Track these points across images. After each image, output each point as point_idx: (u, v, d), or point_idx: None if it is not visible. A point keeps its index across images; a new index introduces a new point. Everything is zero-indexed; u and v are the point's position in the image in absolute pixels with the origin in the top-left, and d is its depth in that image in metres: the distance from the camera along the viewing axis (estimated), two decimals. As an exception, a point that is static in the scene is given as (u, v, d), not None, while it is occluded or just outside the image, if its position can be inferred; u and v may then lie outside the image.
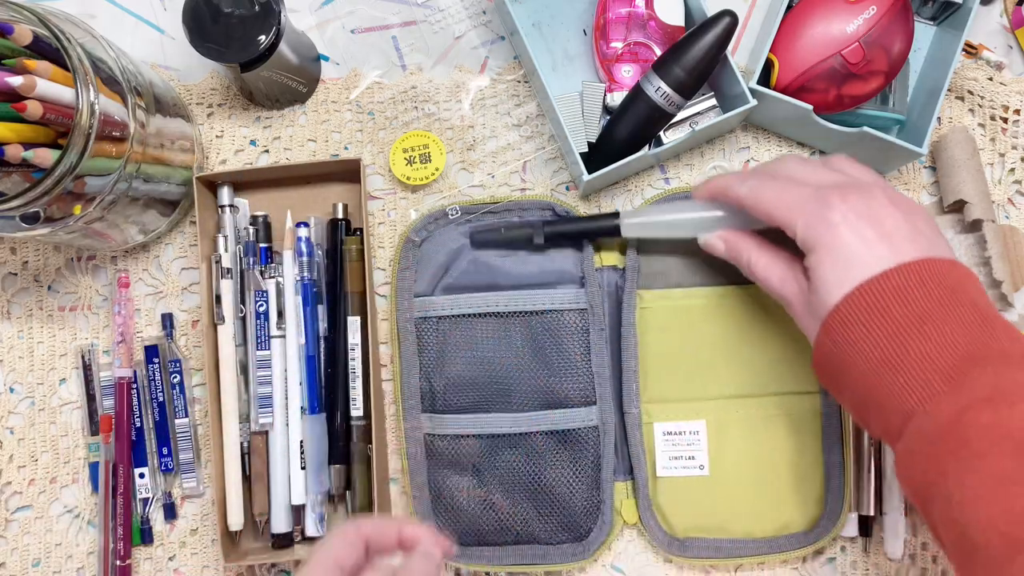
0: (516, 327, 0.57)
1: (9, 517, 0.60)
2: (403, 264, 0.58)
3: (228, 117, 0.62)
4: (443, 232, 0.58)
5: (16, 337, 0.61)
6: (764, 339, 0.57)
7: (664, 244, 0.58)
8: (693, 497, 0.57)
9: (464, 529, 0.57)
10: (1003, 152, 0.61)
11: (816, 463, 0.57)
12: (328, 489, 0.57)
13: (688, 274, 0.58)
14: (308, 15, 0.62)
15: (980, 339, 0.41)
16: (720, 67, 0.56)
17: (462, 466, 0.57)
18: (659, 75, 0.54)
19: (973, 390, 0.40)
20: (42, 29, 0.47)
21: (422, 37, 0.62)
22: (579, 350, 0.57)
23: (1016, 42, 0.62)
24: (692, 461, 0.57)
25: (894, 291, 0.42)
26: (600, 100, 0.59)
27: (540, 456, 0.57)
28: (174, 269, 0.61)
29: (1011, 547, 0.36)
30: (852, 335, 0.43)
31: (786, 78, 0.56)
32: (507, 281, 0.57)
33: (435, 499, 0.58)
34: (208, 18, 0.52)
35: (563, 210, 0.58)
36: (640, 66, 0.59)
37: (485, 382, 0.57)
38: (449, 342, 0.58)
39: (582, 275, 0.58)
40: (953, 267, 0.44)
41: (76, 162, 0.46)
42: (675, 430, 0.57)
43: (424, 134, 0.60)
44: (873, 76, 0.56)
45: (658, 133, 0.58)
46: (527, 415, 0.57)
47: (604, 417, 0.57)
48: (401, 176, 0.60)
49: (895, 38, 0.55)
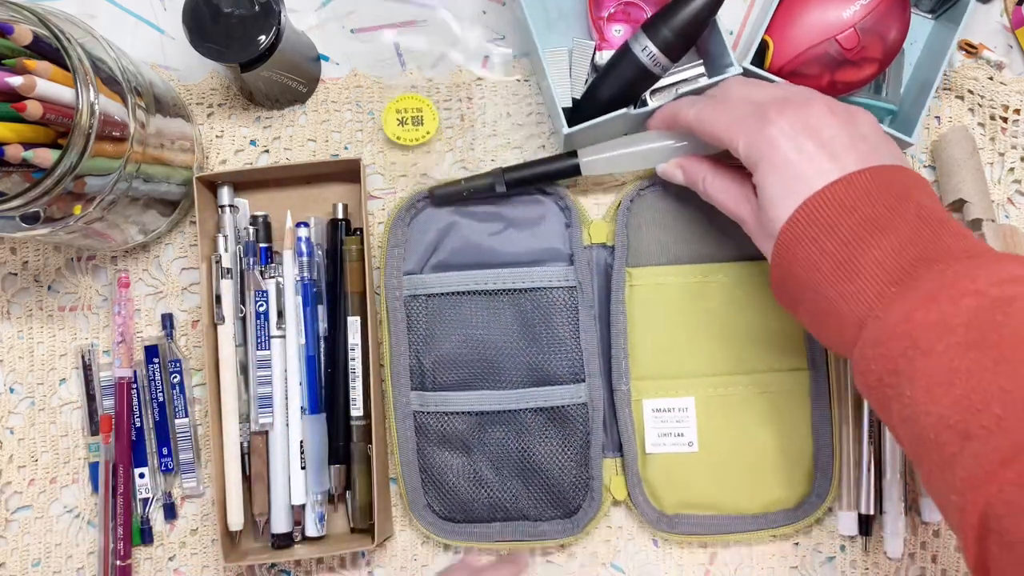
0: (505, 305, 0.58)
1: (9, 517, 0.60)
2: (392, 242, 0.58)
3: (228, 117, 0.62)
4: (433, 209, 0.58)
5: (16, 337, 0.61)
6: (753, 316, 0.57)
7: (653, 222, 0.58)
8: (682, 474, 0.57)
9: (453, 506, 0.58)
10: (1003, 151, 0.61)
11: (805, 440, 0.57)
12: (328, 489, 0.57)
13: (677, 252, 0.58)
14: (308, 15, 0.62)
15: (928, 241, 0.41)
16: (709, 33, 0.56)
17: (452, 443, 0.58)
18: (647, 35, 0.54)
19: (918, 290, 0.40)
20: (42, 29, 0.47)
21: (422, 37, 0.62)
22: (568, 327, 0.57)
23: (1016, 42, 0.62)
24: (681, 438, 0.57)
25: (840, 204, 0.42)
26: (589, 58, 0.59)
27: (529, 433, 0.57)
28: (174, 269, 0.61)
29: (960, 437, 0.36)
30: (803, 251, 0.43)
31: (780, 60, 0.56)
32: (496, 259, 0.58)
33: (424, 476, 0.58)
34: (208, 18, 0.52)
35: (551, 188, 0.58)
36: (631, 27, 0.60)
37: (474, 360, 0.57)
38: (438, 320, 0.58)
39: (571, 252, 0.58)
40: (898, 172, 0.44)
41: (76, 162, 0.46)
42: (664, 407, 0.57)
43: (417, 97, 0.60)
44: (867, 63, 0.56)
45: (643, 95, 0.58)
46: (516, 392, 0.57)
47: (593, 394, 0.57)
48: (392, 135, 0.60)
49: (891, 26, 0.55)
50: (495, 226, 0.58)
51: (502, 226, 0.58)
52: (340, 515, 0.59)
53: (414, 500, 0.58)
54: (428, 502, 0.58)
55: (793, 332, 0.58)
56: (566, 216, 0.58)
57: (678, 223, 0.58)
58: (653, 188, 0.58)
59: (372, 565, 0.60)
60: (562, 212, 0.58)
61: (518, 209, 0.58)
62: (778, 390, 0.57)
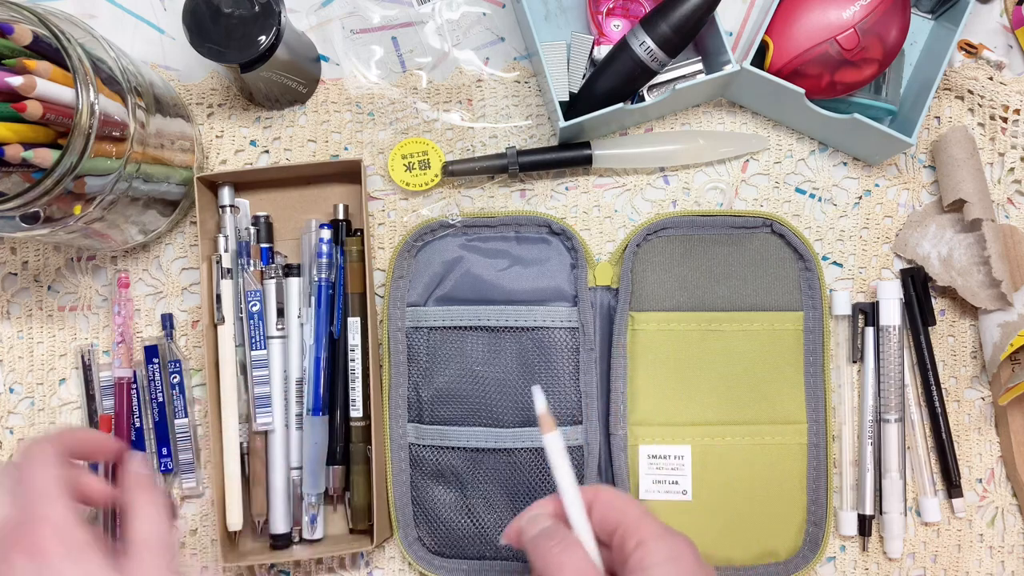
0: (507, 342, 0.57)
1: (9, 517, 0.60)
2: (397, 272, 0.58)
3: (228, 117, 0.62)
4: (440, 242, 0.58)
5: (16, 337, 0.61)
6: (754, 367, 0.57)
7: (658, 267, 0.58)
8: (674, 522, 0.56)
9: (444, 541, 0.58)
10: (1003, 151, 0.61)
11: (800, 493, 0.57)
12: (327, 490, 0.57)
13: (681, 298, 0.58)
14: (308, 15, 0.62)
15: None
16: (707, 30, 0.56)
17: (446, 478, 0.57)
18: (645, 30, 0.55)
19: None
20: (42, 29, 0.47)
21: (422, 38, 0.62)
22: (568, 368, 0.57)
23: (1016, 42, 0.62)
24: (675, 486, 0.57)
25: None
26: (587, 52, 0.59)
27: (524, 472, 0.56)
28: (174, 269, 0.61)
29: None
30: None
31: (780, 60, 0.56)
32: (500, 295, 0.57)
33: (417, 509, 0.58)
34: (208, 18, 0.52)
35: (559, 227, 0.58)
36: (630, 22, 0.60)
37: (472, 395, 0.57)
38: (439, 354, 0.57)
39: (575, 293, 0.57)
40: None
41: (76, 162, 0.46)
42: (660, 454, 0.57)
43: (423, 141, 0.60)
44: (867, 64, 0.56)
45: (640, 90, 0.58)
46: (511, 431, 0.56)
47: (589, 437, 0.57)
48: (400, 182, 0.60)
49: (891, 26, 0.55)
50: (501, 262, 0.58)
51: (508, 263, 0.58)
52: (339, 516, 0.59)
53: (405, 533, 0.58)
54: (420, 535, 0.58)
55: (793, 384, 0.57)
56: (572, 257, 0.58)
57: (683, 270, 0.58)
58: (659, 233, 0.58)
59: (371, 566, 0.60)
60: (568, 252, 0.58)
61: (525, 247, 0.58)
62: (775, 442, 0.57)
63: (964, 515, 0.60)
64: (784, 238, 0.58)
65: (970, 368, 0.61)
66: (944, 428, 0.59)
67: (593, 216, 0.61)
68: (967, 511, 0.60)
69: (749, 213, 0.58)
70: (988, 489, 0.60)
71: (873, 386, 0.59)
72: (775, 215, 0.59)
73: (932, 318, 0.59)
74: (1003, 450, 0.60)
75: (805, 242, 0.58)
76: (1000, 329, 0.58)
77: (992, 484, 0.60)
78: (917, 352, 0.60)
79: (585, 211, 0.61)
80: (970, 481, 0.60)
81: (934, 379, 0.59)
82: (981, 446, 0.60)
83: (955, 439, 0.60)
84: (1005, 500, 0.60)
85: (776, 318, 0.57)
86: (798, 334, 0.58)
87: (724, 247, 0.58)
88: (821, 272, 0.58)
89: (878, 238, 0.61)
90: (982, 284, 0.58)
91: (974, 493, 0.60)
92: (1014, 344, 0.56)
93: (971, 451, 0.60)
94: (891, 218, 0.61)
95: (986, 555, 0.60)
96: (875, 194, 0.62)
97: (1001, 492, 0.60)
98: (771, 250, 0.58)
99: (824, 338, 0.58)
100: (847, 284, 0.61)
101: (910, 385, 0.59)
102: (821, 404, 0.57)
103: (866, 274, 0.61)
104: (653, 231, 0.58)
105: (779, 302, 0.58)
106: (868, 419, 0.59)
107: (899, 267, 0.61)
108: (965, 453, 0.60)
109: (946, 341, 0.61)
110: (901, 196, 0.62)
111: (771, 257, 0.58)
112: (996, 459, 0.60)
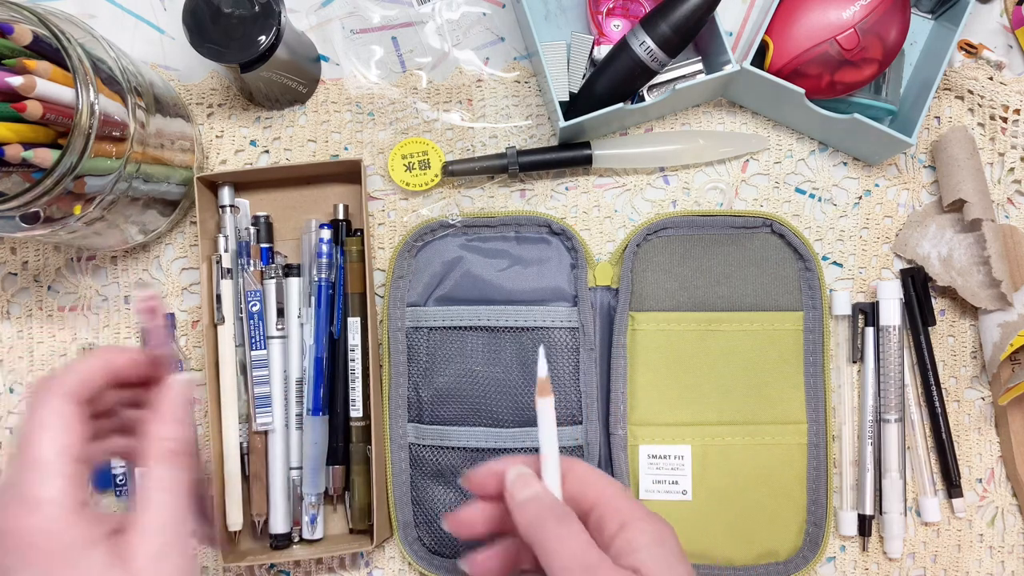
0: (507, 342, 0.57)
1: (9, 517, 0.59)
2: (397, 272, 0.58)
3: (228, 117, 0.62)
4: (440, 242, 0.58)
5: (16, 337, 0.61)
6: (754, 367, 0.57)
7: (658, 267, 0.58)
8: (674, 522, 0.56)
9: (444, 541, 0.57)
10: (1003, 152, 0.61)
11: (800, 493, 0.57)
12: (327, 490, 0.57)
13: (681, 298, 0.58)
14: (308, 15, 0.62)
15: None
16: (707, 30, 0.57)
17: (446, 478, 0.57)
18: (645, 30, 0.55)
19: None
20: (42, 29, 0.47)
21: (422, 38, 0.62)
22: (568, 368, 0.57)
23: (1016, 42, 0.62)
24: (675, 486, 0.57)
25: None
26: (587, 52, 0.59)
27: None
28: (174, 269, 0.61)
29: None
30: None
31: (780, 60, 0.56)
32: (500, 296, 0.57)
33: (416, 509, 0.58)
34: (208, 18, 0.52)
35: (559, 227, 0.58)
36: (630, 22, 0.60)
37: (471, 395, 0.57)
38: (439, 354, 0.57)
39: (575, 293, 0.57)
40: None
41: (76, 162, 0.46)
42: (660, 454, 0.57)
43: (423, 141, 0.60)
44: (867, 64, 0.56)
45: (640, 90, 0.58)
46: (511, 431, 0.56)
47: (589, 437, 0.57)
48: (400, 182, 0.60)
49: (891, 26, 0.55)
50: (501, 263, 0.58)
51: (508, 263, 0.58)
52: (339, 516, 0.59)
53: (405, 533, 0.58)
54: (419, 535, 0.58)
55: (793, 385, 0.57)
56: (572, 257, 0.58)
57: (683, 270, 0.58)
58: (659, 234, 0.58)
59: (371, 566, 0.60)
60: (568, 252, 0.58)
61: (525, 247, 0.58)
62: (775, 442, 0.57)
63: (964, 515, 0.60)
64: (784, 238, 0.58)
65: (970, 368, 0.61)
66: (944, 428, 0.59)
67: (593, 216, 0.61)
68: (967, 511, 0.60)
69: (749, 213, 0.58)
70: (988, 489, 0.60)
71: (873, 386, 0.59)
72: (775, 215, 0.59)
73: (932, 318, 0.59)
74: (1003, 450, 0.60)
75: (805, 242, 0.58)
76: (1000, 329, 0.58)
77: (992, 484, 0.60)
78: (917, 352, 0.60)
79: (585, 211, 0.61)
80: (970, 481, 0.60)
81: (934, 379, 0.59)
82: (981, 446, 0.60)
83: (955, 439, 0.60)
84: (1005, 500, 0.60)
85: (776, 318, 0.57)
86: (798, 334, 0.58)
87: (724, 247, 0.58)
88: (821, 272, 0.58)
89: (878, 238, 0.61)
90: (982, 284, 0.58)
91: (974, 493, 0.60)
92: (1014, 344, 0.56)
93: (971, 451, 0.60)
94: (891, 218, 0.61)
95: (986, 555, 0.60)
96: (875, 194, 0.62)
97: (1001, 492, 0.60)
98: (771, 250, 0.58)
99: (824, 338, 0.58)
100: (847, 284, 0.61)
101: (910, 385, 0.59)
102: (821, 404, 0.57)
103: (866, 274, 0.61)
104: (653, 231, 0.58)
105: (779, 302, 0.58)
106: (868, 419, 0.59)
107: (899, 267, 0.61)
108: (965, 453, 0.60)
109: (946, 341, 0.61)
110: (901, 196, 0.62)
111: (771, 257, 0.58)
112: (996, 459, 0.60)
